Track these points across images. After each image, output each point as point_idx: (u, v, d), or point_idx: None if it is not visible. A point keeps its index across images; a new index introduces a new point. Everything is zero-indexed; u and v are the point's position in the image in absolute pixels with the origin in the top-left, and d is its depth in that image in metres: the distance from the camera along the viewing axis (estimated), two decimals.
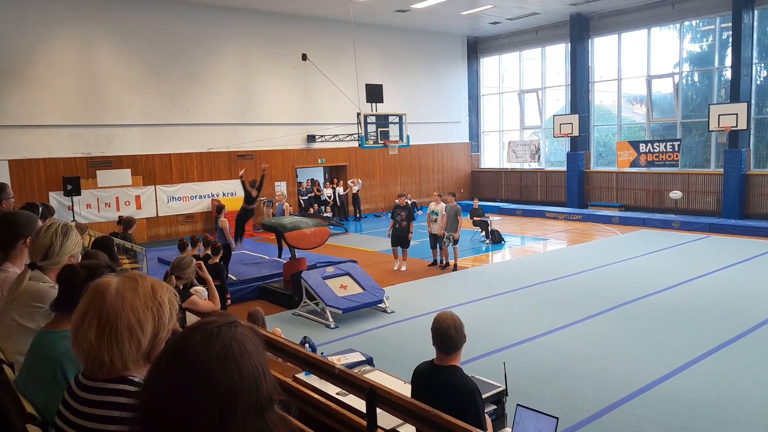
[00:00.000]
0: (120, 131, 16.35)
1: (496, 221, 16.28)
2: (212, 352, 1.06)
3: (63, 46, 15.33)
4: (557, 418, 3.71)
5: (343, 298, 9.08)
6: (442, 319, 3.40)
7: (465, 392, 3.18)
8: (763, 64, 17.25)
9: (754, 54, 16.94)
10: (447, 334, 3.33)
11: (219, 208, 11.33)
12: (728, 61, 17.40)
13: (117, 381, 1.48)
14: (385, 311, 9.39)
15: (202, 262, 5.59)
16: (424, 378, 3.41)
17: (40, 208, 5.33)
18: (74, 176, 15.08)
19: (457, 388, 3.19)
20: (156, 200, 17.01)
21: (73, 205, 15.10)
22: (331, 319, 8.87)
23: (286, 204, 17.87)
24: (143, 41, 16.48)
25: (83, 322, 1.49)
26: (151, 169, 16.93)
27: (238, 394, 1.03)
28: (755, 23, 16.83)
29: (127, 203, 16.48)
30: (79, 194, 15.07)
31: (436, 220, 12.06)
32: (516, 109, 23.90)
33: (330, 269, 9.86)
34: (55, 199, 15.04)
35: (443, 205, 12.13)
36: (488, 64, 24.98)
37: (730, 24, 17.00)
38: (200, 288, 5.63)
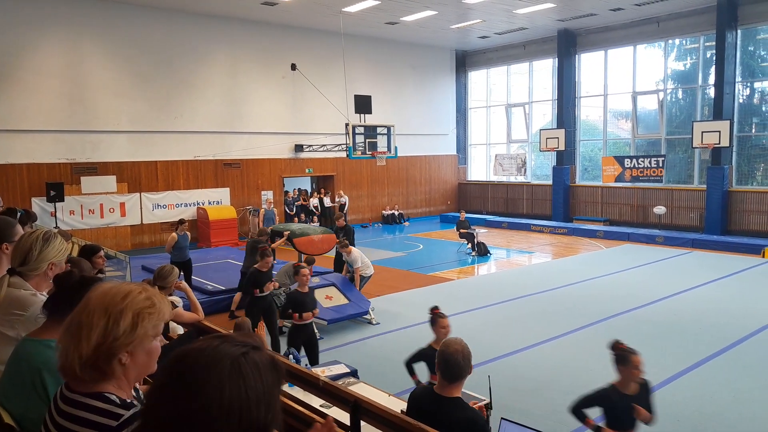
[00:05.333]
0: (106, 137, 16.22)
1: (482, 234, 16.34)
2: (200, 361, 1.02)
3: (50, 51, 15.21)
4: None
5: (328, 309, 9.03)
6: (449, 344, 3.23)
7: (477, 427, 3.05)
8: (745, 83, 17.56)
9: (737, 73, 17.23)
10: (453, 361, 3.15)
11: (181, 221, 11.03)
12: (712, 79, 17.69)
13: (92, 396, 1.46)
14: (370, 323, 9.36)
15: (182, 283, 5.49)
16: (425, 406, 3.26)
17: (19, 213, 5.24)
18: (58, 182, 14.89)
19: (467, 423, 3.05)
20: (141, 208, 16.86)
21: (56, 212, 14.92)
22: (315, 330, 8.81)
23: (275, 209, 17.78)
24: (131, 48, 16.40)
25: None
26: (137, 176, 16.80)
27: (213, 412, 0.98)
28: (738, 42, 17.14)
29: (112, 210, 16.32)
30: (63, 200, 14.88)
31: (351, 276, 10.20)
32: (503, 123, 24.07)
33: (316, 279, 9.78)
34: (38, 205, 14.85)
35: (356, 254, 10.26)
36: (476, 77, 25.18)
37: (714, 43, 17.31)
38: (175, 297, 5.59)
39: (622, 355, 4.14)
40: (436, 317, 5.01)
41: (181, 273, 9.85)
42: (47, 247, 2.60)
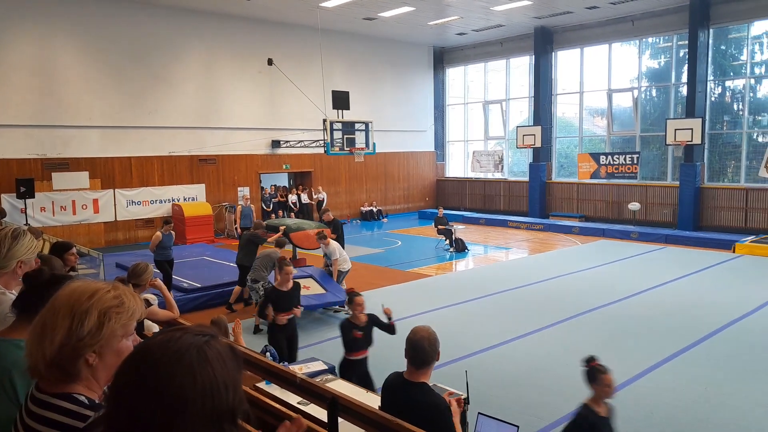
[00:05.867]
0: (78, 132, 15.91)
1: (460, 230, 16.42)
2: (168, 352, 1.06)
3: (19, 44, 14.85)
4: (518, 427, 3.73)
5: (304, 296, 9.08)
6: (416, 332, 3.32)
7: (438, 411, 3.12)
8: (717, 82, 17.89)
9: (709, 71, 17.55)
10: (419, 347, 3.24)
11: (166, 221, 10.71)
12: (684, 78, 17.99)
13: (60, 397, 1.43)
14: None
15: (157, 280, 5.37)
16: (394, 391, 3.34)
17: None
18: (28, 178, 14.57)
19: (429, 406, 3.13)
20: (115, 204, 16.59)
21: (26, 208, 14.60)
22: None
23: (252, 206, 17.65)
24: (105, 41, 16.10)
25: None
26: (111, 172, 16.52)
27: (188, 399, 1.03)
28: (710, 42, 17.45)
29: (84, 207, 16.03)
30: (33, 197, 14.57)
31: (330, 267, 10.14)
32: (480, 120, 24.19)
33: (294, 271, 9.78)
34: (8, 201, 14.52)
35: (334, 245, 10.14)
36: (454, 74, 25.26)
37: (687, 42, 17.59)
38: (150, 295, 5.51)
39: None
40: (597, 373, 3.83)
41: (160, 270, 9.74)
42: (16, 244, 2.54)
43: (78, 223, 15.94)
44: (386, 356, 7.49)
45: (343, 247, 11.11)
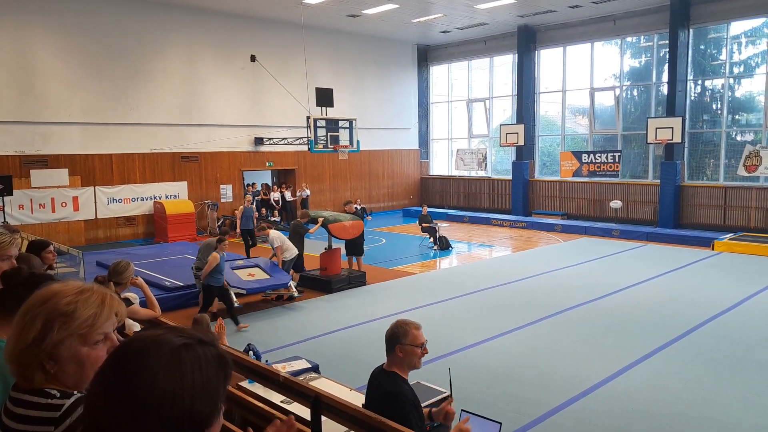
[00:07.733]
0: (57, 129, 15.67)
1: (444, 228, 16.46)
2: (136, 349, 1.03)
3: None
4: (500, 423, 3.75)
5: (247, 281, 9.77)
6: (392, 324, 3.42)
7: (396, 401, 3.16)
8: (697, 81, 18.11)
9: (689, 71, 17.76)
10: (385, 338, 3.34)
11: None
12: (665, 77, 18.19)
13: (33, 393, 1.40)
14: (292, 297, 10.13)
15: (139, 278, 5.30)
16: (372, 380, 3.43)
17: None
18: (6, 175, 14.33)
19: (389, 395, 3.20)
20: (95, 202, 16.38)
21: (3, 206, 14.35)
22: (234, 298, 9.22)
23: (253, 207, 17.44)
24: (84, 36, 15.87)
25: None
26: (91, 170, 16.30)
27: (145, 401, 0.97)
28: (690, 41, 17.66)
29: (64, 204, 15.81)
30: (11, 194, 14.34)
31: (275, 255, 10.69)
32: (464, 118, 24.27)
33: (240, 262, 10.53)
34: None
35: (274, 234, 10.67)
36: (438, 72, 25.30)
37: (667, 41, 17.79)
38: (130, 294, 5.44)
39: None
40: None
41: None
42: None
43: (57, 221, 15.72)
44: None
45: (364, 239, 12.10)
